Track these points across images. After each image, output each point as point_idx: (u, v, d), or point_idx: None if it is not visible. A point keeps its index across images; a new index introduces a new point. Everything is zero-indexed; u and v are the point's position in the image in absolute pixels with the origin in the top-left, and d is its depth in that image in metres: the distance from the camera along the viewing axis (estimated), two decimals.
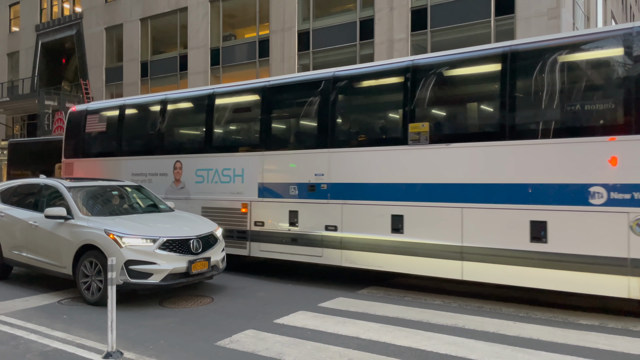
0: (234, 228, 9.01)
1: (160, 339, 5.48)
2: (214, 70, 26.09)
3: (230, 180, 9.11)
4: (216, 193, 9.28)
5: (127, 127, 11.05)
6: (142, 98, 11.48)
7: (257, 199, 8.79)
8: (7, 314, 6.39)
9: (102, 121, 11.43)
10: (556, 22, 16.85)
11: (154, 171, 10.22)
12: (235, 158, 9.16)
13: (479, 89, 7.48)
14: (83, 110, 11.93)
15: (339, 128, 8.31)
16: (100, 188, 8.39)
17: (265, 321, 6.09)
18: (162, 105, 10.38)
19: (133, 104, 11.25)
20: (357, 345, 5.23)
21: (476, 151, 6.86)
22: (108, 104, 11.99)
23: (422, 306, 6.81)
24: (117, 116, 11.12)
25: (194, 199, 9.55)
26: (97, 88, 30.87)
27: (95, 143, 11.61)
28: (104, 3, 30.70)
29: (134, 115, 11.16)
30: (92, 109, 11.76)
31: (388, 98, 8.28)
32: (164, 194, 9.86)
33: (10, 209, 8.34)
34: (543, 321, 6.09)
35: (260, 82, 9.25)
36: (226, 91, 9.77)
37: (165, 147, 10.22)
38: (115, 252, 6.58)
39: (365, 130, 8.42)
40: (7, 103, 32.80)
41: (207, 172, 9.44)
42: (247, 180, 8.91)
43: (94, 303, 6.78)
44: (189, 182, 9.67)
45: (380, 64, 8.33)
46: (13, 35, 36.36)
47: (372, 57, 20.38)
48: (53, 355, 4.94)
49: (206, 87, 10.12)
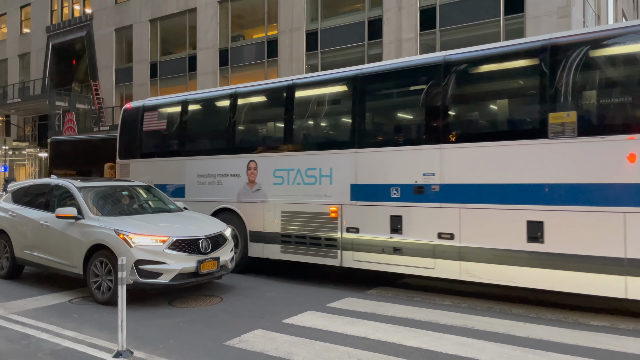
0: (321, 235, 8.08)
1: (170, 338, 5.51)
2: (223, 71, 26.18)
3: (316, 182, 8.17)
4: (298, 196, 8.35)
5: (191, 125, 10.18)
6: (208, 92, 10.48)
7: (350, 202, 7.84)
8: (18, 313, 6.46)
9: (162, 118, 10.55)
10: (566, 21, 16.73)
11: (223, 172, 9.33)
12: (321, 156, 8.18)
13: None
14: (139, 106, 10.96)
15: (454, 121, 7.25)
16: (110, 188, 8.45)
17: (274, 321, 6.10)
18: (232, 100, 9.48)
19: (197, 99, 10.28)
20: (366, 345, 5.23)
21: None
22: (168, 100, 11.04)
23: (431, 306, 6.79)
24: (179, 112, 10.25)
25: (271, 202, 8.68)
26: (107, 89, 31.09)
27: (154, 142, 10.77)
28: (114, 4, 30.91)
29: (198, 111, 10.25)
30: (150, 105, 10.85)
31: (519, 83, 7.11)
32: (236, 197, 9.11)
33: (22, 209, 8.42)
34: (553, 322, 6.05)
35: (352, 70, 8.20)
36: (309, 82, 8.84)
37: (237, 145, 9.34)
38: (125, 251, 6.62)
39: (488, 122, 7.33)
40: (18, 104, 33.18)
41: (287, 172, 8.53)
42: (336, 181, 7.97)
43: (105, 302, 6.83)
44: (266, 183, 8.76)
45: (509, 44, 7.02)
46: (24, 37, 36.72)
47: (381, 57, 20.35)
48: (64, 354, 4.98)
49: (285, 78, 9.18)
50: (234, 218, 9.08)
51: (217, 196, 9.37)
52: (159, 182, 10.15)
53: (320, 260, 8.11)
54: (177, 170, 10.02)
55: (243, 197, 9.05)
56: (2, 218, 8.67)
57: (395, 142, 7.73)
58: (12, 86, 35.28)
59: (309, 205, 8.25)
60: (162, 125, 10.56)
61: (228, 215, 9.15)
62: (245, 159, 9.08)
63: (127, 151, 11.00)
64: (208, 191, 9.49)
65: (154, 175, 10.26)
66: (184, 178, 9.89)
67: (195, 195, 9.65)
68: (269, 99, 9.43)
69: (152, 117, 10.64)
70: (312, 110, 8.79)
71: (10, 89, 35.18)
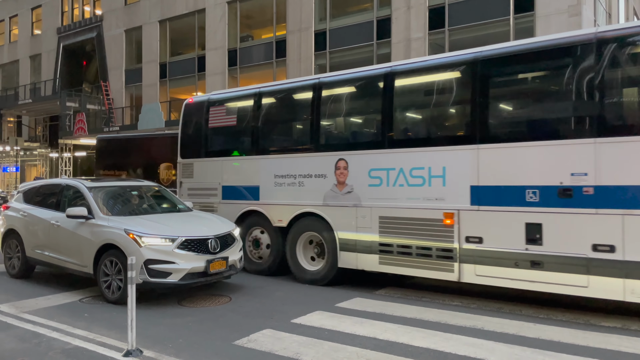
0: (431, 244, 7.03)
1: (179, 337, 5.53)
2: (232, 71, 26.26)
3: (424, 183, 7.12)
4: (401, 199, 7.33)
5: (267, 119, 9.16)
6: (287, 83, 9.50)
7: (469, 206, 6.74)
8: (30, 312, 6.51)
9: (231, 113, 9.59)
10: (577, 20, 16.59)
11: (306, 172, 8.34)
12: (431, 154, 7.14)
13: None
14: (204, 101, 9.99)
15: (612, 109, 6.00)
16: (120, 188, 8.50)
17: (282, 321, 6.10)
18: (315, 91, 8.46)
19: (274, 91, 9.29)
20: (375, 345, 5.22)
21: None
22: (238, 93, 10.10)
23: (440, 307, 6.76)
24: (251, 107, 9.27)
25: (366, 207, 7.66)
26: (117, 89, 31.30)
27: (221, 140, 9.87)
28: (124, 5, 31.11)
29: (275, 104, 9.29)
30: (216, 99, 9.87)
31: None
32: (321, 200, 8.12)
33: (33, 208, 8.50)
34: (564, 323, 6.00)
35: (471, 53, 7.04)
36: (413, 68, 7.78)
37: (322, 142, 8.38)
38: (134, 251, 6.66)
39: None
40: (29, 105, 33.49)
41: (386, 172, 7.49)
42: (451, 182, 6.89)
43: (114, 301, 6.87)
44: (359, 185, 7.74)
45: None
46: (35, 38, 37.07)
47: (389, 56, 20.30)
48: (74, 353, 5.02)
49: (381, 65, 8.08)
50: (318, 224, 8.18)
51: (297, 199, 8.39)
52: (229, 183, 9.38)
53: (431, 274, 7.10)
54: (249, 171, 9.12)
55: (331, 200, 8.04)
56: (14, 218, 8.75)
57: (531, 135, 6.52)
58: (23, 87, 35.64)
59: (415, 210, 7.19)
60: (231, 120, 9.57)
61: (311, 220, 8.29)
62: (333, 158, 8.07)
63: (189, 150, 10.08)
64: (287, 193, 8.54)
65: (222, 176, 9.47)
66: (257, 179, 8.96)
67: (271, 197, 8.75)
68: (362, 89, 8.26)
69: (219, 112, 9.67)
70: (417, 101, 7.88)
71: (22, 89, 35.54)
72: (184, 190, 10.02)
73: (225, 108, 9.68)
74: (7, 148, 34.07)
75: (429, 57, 7.82)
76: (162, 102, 27.13)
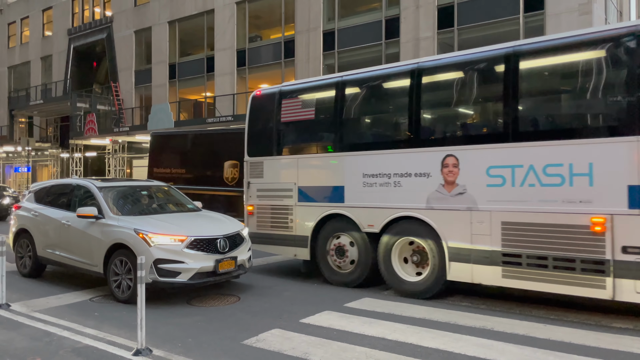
0: (575, 255, 5.99)
1: (188, 337, 5.55)
2: (240, 72, 26.33)
3: (563, 182, 6.08)
4: (531, 201, 6.28)
5: (353, 112, 8.21)
6: (376, 70, 8.19)
7: (627, 210, 5.69)
8: (41, 311, 6.57)
9: (308, 106, 8.61)
10: (587, 18, 16.46)
11: (404, 171, 7.34)
12: (572, 148, 6.09)
13: None
14: (274, 93, 9.03)
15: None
16: (129, 188, 8.55)
17: (291, 321, 6.10)
18: (414, 78, 7.48)
19: (361, 79, 8.21)
20: (384, 346, 5.20)
21: None
22: (316, 83, 9.02)
23: (449, 307, 6.73)
24: (333, 98, 8.26)
25: (483, 210, 6.62)
26: (126, 90, 31.50)
27: (297, 136, 8.93)
28: (133, 6, 31.30)
29: (363, 94, 8.22)
30: (290, 90, 8.92)
31: None
32: (424, 203, 7.10)
33: (44, 208, 8.57)
34: (575, 324, 5.95)
35: (624, 27, 5.99)
36: (546, 46, 6.64)
37: (425, 136, 7.39)
38: (144, 251, 6.69)
39: None
40: (41, 105, 33.81)
41: (510, 170, 6.45)
42: (600, 181, 5.86)
43: (124, 301, 6.91)
44: (474, 185, 6.73)
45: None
46: (46, 40, 37.41)
47: (398, 56, 20.25)
48: (85, 352, 5.05)
49: (500, 46, 6.92)
50: (419, 229, 7.22)
51: (392, 201, 7.42)
52: (306, 183, 8.42)
53: (574, 291, 6.06)
54: (332, 170, 8.18)
55: (436, 202, 7.05)
56: (25, 217, 8.84)
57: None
58: (34, 88, 35.98)
59: (552, 214, 6.13)
60: (308, 114, 8.57)
61: (410, 225, 7.31)
62: (440, 154, 7.05)
63: (258, 147, 9.15)
64: (379, 195, 7.57)
65: (298, 176, 8.53)
66: (342, 179, 8.00)
67: (359, 199, 7.78)
68: (475, 74, 7.15)
69: (293, 105, 8.72)
70: (551, 86, 6.80)
71: (33, 90, 35.88)
72: (252, 191, 9.14)
73: (301, 100, 8.69)
74: (18, 148, 34.41)
75: (564, 34, 6.52)
76: (171, 103, 27.25)
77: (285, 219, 8.67)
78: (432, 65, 7.52)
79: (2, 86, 40.69)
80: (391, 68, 8.13)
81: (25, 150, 32.91)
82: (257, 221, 9.04)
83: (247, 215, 9.17)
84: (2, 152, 38.14)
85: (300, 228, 8.48)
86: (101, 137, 29.12)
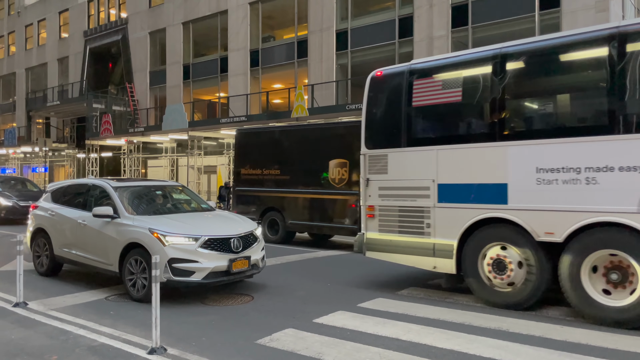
0: None
1: (202, 336, 5.57)
2: (253, 72, 26.42)
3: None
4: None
5: (521, 91, 6.85)
6: (550, 39, 6.66)
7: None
8: (57, 310, 6.65)
9: (452, 86, 7.13)
10: (604, 15, 16.23)
11: (601, 164, 5.82)
12: None
13: None
14: (402, 72, 7.63)
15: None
16: (144, 188, 8.62)
17: (304, 320, 6.10)
18: (615, 45, 5.88)
19: (529, 51, 6.72)
20: (398, 346, 5.17)
21: None
22: (461, 58, 7.48)
23: (464, 308, 6.67)
24: (489, 75, 6.82)
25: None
26: (141, 91, 31.79)
27: (435, 122, 7.55)
28: (148, 8, 31.58)
29: (534, 68, 6.77)
30: (423, 68, 7.56)
31: None
32: (635, 205, 5.57)
33: (61, 208, 8.67)
34: (592, 325, 5.85)
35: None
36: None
37: (636, 120, 5.75)
38: (159, 250, 6.74)
39: None
40: (57, 106, 34.30)
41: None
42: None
43: (139, 300, 6.96)
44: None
45: None
46: (63, 41, 37.91)
47: (412, 55, 20.18)
48: (100, 350, 5.10)
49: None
50: (624, 238, 5.72)
51: (585, 203, 5.92)
52: (450, 180, 6.99)
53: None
54: (488, 163, 6.71)
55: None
56: (42, 217, 8.95)
57: None
58: (51, 89, 36.49)
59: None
60: (452, 95, 7.12)
61: (611, 234, 5.81)
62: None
63: (381, 137, 7.79)
64: (562, 194, 6.08)
65: (437, 171, 7.07)
66: (504, 174, 6.52)
67: (532, 200, 6.30)
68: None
69: (429, 86, 7.34)
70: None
71: (50, 92, 36.39)
72: (372, 189, 7.70)
73: (441, 80, 7.29)
74: (36, 149, 34.92)
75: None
76: (185, 103, 27.45)
77: (419, 223, 7.21)
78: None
79: (20, 88, 41.35)
80: (572, 36, 6.44)
81: (42, 150, 33.39)
82: (379, 225, 7.63)
83: (366, 218, 7.76)
84: (20, 153, 38.74)
85: (442, 234, 7.01)
86: (117, 138, 29.44)
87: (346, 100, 22.85)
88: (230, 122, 23.43)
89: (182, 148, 28.20)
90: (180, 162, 29.25)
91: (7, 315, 6.34)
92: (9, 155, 39.71)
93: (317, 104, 22.16)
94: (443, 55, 8.03)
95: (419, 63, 7.71)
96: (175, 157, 29.19)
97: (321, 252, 11.72)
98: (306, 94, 22.08)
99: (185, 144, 26.78)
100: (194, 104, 29.29)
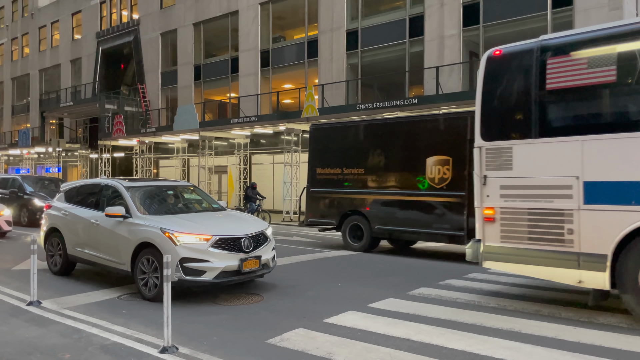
0: None
1: (214, 335, 5.60)
2: (264, 72, 26.49)
3: None
4: None
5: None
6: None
7: None
8: (70, 308, 6.71)
9: (603, 64, 5.94)
10: (618, 13, 16.04)
11: None
12: None
13: None
14: (530, 49, 6.55)
15: None
16: (156, 188, 8.67)
17: (315, 320, 6.10)
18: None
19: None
20: (408, 347, 5.16)
21: None
22: (616, 29, 6.08)
23: (475, 309, 6.63)
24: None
25: None
26: (153, 92, 32.01)
27: (579, 108, 6.32)
28: (159, 9, 31.79)
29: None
30: (560, 43, 6.43)
31: None
32: None
33: (74, 208, 8.76)
34: (605, 327, 5.79)
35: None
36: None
37: None
38: (170, 249, 6.78)
39: None
40: (70, 107, 34.67)
41: None
42: None
43: (151, 299, 7.01)
44: None
45: None
46: (76, 43, 38.29)
47: (422, 54, 20.09)
48: (113, 349, 5.14)
49: None
50: None
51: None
52: (602, 177, 5.88)
53: None
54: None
55: None
56: (56, 217, 9.04)
57: None
58: (64, 90, 36.89)
59: None
60: (602, 75, 5.96)
61: None
62: None
63: (502, 127, 6.79)
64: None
65: (583, 166, 5.98)
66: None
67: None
68: None
69: (569, 65, 6.22)
70: None
71: (63, 92, 36.80)
72: (491, 188, 6.68)
73: (587, 57, 6.12)
74: (49, 149, 35.30)
75: None
76: (196, 104, 27.58)
77: (558, 229, 6.17)
78: None
79: (34, 89, 41.85)
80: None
81: (56, 151, 33.74)
82: (501, 231, 6.62)
83: (483, 222, 6.75)
84: (34, 153, 39.19)
85: (591, 242, 5.93)
86: (129, 138, 29.67)
87: (356, 100, 22.82)
88: (240, 123, 23.51)
89: (193, 148, 28.34)
90: (191, 162, 29.40)
91: (21, 313, 6.42)
92: (23, 155, 40.19)
93: (328, 104, 22.15)
94: (586, 29, 6.48)
95: (553, 39, 6.54)
96: (186, 157, 29.36)
97: (332, 252, 11.71)
98: (316, 94, 22.10)
99: (197, 144, 26.91)
100: (205, 104, 29.44)
